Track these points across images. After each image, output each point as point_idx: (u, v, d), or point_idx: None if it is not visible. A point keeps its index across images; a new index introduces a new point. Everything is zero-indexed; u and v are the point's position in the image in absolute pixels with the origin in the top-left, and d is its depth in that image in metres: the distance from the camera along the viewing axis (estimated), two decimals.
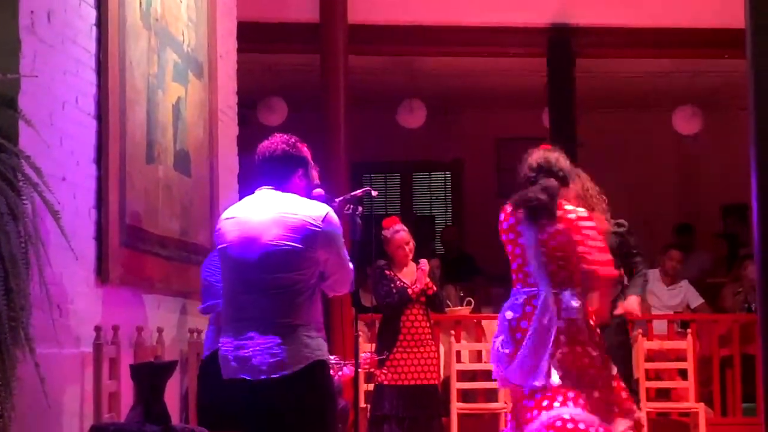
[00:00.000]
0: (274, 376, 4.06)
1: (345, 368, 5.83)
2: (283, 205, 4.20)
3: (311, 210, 4.19)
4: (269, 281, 4.11)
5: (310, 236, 4.13)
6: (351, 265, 4.32)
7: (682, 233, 10.97)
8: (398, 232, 7.28)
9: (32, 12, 4.41)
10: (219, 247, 4.28)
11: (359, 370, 6.89)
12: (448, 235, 11.92)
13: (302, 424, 4.14)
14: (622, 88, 11.07)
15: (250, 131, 7.58)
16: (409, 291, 7.11)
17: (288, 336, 4.08)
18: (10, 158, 3.99)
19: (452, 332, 8.42)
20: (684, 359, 8.23)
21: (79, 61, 4.99)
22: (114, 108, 5.26)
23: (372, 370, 6.99)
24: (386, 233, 7.28)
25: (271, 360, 4.07)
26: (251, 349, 4.09)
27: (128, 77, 5.45)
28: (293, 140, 4.34)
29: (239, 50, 7.78)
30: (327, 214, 4.20)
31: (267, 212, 4.19)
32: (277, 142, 4.31)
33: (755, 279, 5.35)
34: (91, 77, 5.13)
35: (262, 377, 4.08)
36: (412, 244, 7.30)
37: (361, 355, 6.80)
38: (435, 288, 7.24)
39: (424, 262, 7.23)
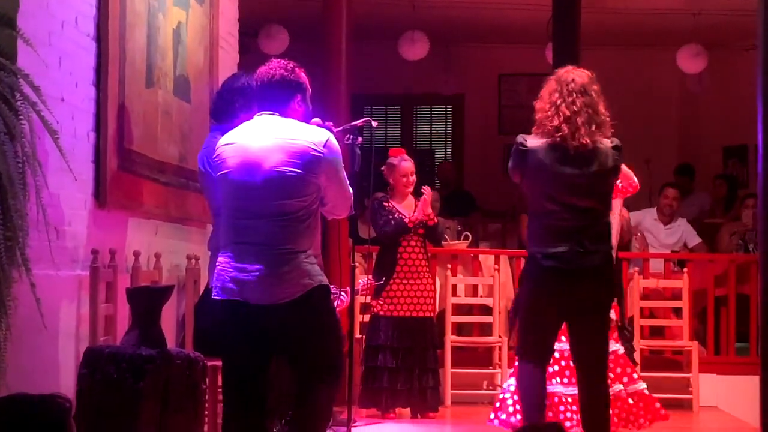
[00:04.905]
0: (274, 302, 4.07)
1: (341, 296, 5.84)
2: (284, 131, 4.17)
3: (312, 135, 4.17)
4: (272, 208, 4.09)
5: (312, 162, 4.11)
6: (350, 190, 4.31)
7: (682, 173, 10.94)
8: (405, 160, 7.28)
9: None
10: (219, 173, 4.24)
11: (357, 296, 6.93)
12: (444, 171, 11.88)
13: (305, 349, 4.17)
14: (627, 25, 10.94)
15: (250, 59, 7.50)
16: (407, 221, 7.11)
17: (289, 262, 4.08)
18: (8, 77, 3.94)
19: (449, 266, 8.42)
20: (679, 298, 8.26)
21: None
22: (114, 30, 5.20)
23: (369, 297, 7.00)
24: (393, 160, 7.27)
25: (271, 286, 4.07)
26: (251, 273, 4.08)
27: None
28: (291, 65, 4.30)
29: None
30: (328, 139, 4.18)
31: (268, 138, 4.15)
32: (275, 67, 4.27)
33: (756, 217, 5.36)
34: None
35: (262, 302, 4.08)
36: (414, 178, 7.27)
37: (359, 281, 6.81)
38: (435, 219, 7.24)
39: (427, 189, 7.20)
